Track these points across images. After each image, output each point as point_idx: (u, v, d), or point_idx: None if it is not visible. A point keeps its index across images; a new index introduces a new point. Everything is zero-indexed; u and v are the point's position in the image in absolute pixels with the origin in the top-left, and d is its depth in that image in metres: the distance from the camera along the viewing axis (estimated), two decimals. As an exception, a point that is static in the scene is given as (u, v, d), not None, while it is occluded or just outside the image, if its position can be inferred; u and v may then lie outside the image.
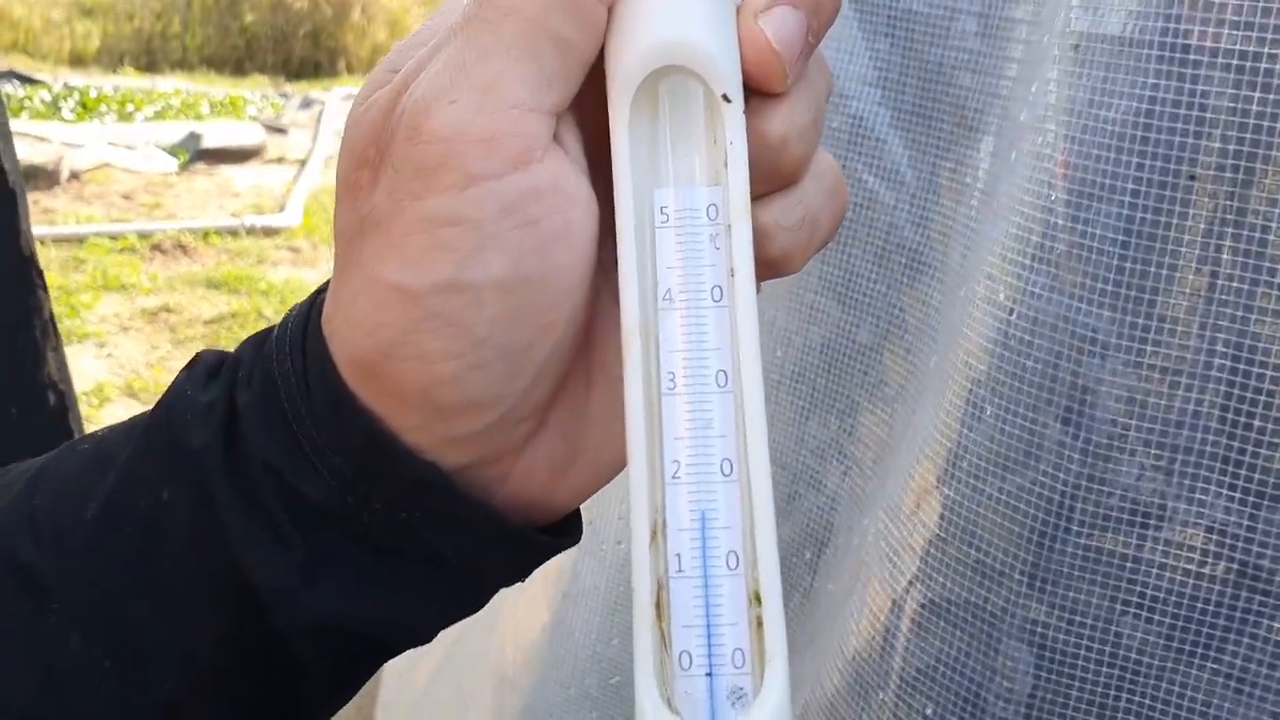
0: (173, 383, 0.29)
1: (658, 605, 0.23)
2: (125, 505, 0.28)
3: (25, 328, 0.63)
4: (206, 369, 0.29)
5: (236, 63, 10.33)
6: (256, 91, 8.62)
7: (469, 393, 0.25)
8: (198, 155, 5.85)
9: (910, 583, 0.49)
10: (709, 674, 0.23)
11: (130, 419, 0.31)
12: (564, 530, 0.30)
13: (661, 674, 0.23)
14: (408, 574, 0.28)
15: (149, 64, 10.35)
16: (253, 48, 10.47)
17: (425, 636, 0.30)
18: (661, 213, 0.26)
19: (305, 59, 10.27)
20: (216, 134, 6.17)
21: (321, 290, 0.28)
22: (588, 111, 0.27)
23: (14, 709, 0.28)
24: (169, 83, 9.04)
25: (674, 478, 0.24)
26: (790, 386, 0.66)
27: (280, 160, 5.73)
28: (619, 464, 0.29)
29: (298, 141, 6.14)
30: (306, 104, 7.60)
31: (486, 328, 0.25)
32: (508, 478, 0.27)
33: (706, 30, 0.25)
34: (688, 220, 0.25)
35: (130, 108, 7.39)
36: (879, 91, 0.61)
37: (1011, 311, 0.44)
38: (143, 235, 3.91)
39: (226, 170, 5.45)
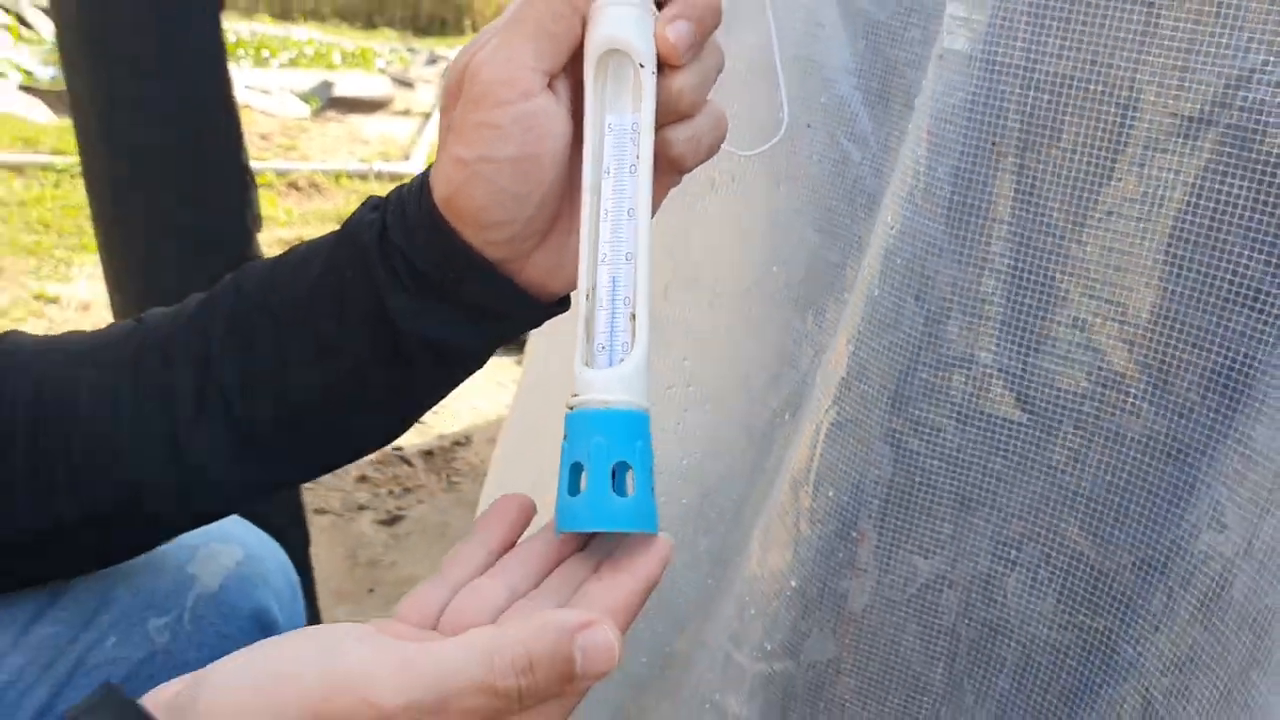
0: (354, 212, 0.55)
1: (587, 325, 0.48)
2: (330, 274, 0.54)
3: (240, 215, 0.90)
4: (371, 204, 0.55)
5: (367, 16, 10.70)
6: (385, 45, 8.97)
7: (496, 217, 0.50)
8: (329, 103, 6.19)
9: (825, 410, 0.73)
10: (608, 350, 0.48)
11: (325, 235, 0.56)
12: (557, 306, 0.55)
13: (585, 354, 0.48)
14: (467, 314, 0.53)
15: (283, 11, 10.78)
16: (383, 2, 10.85)
17: (478, 357, 0.56)
18: (609, 127, 0.50)
19: (433, 16, 10.59)
20: (347, 84, 6.50)
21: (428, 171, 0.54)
22: (575, 73, 0.51)
23: (289, 383, 0.54)
24: (302, 31, 9.42)
25: (602, 260, 0.49)
26: (782, 293, 0.90)
27: (407, 112, 6.06)
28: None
29: (423, 95, 6.46)
30: (433, 60, 7.92)
31: (505, 181, 0.49)
32: (523, 270, 0.52)
33: (634, 32, 0.49)
34: (620, 131, 0.50)
35: (266, 54, 7.79)
36: (855, 79, 0.84)
37: (892, 228, 0.68)
38: (279, 173, 4.25)
39: (356, 119, 5.79)
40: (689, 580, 0.97)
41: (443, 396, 0.57)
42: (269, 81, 6.49)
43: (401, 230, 0.52)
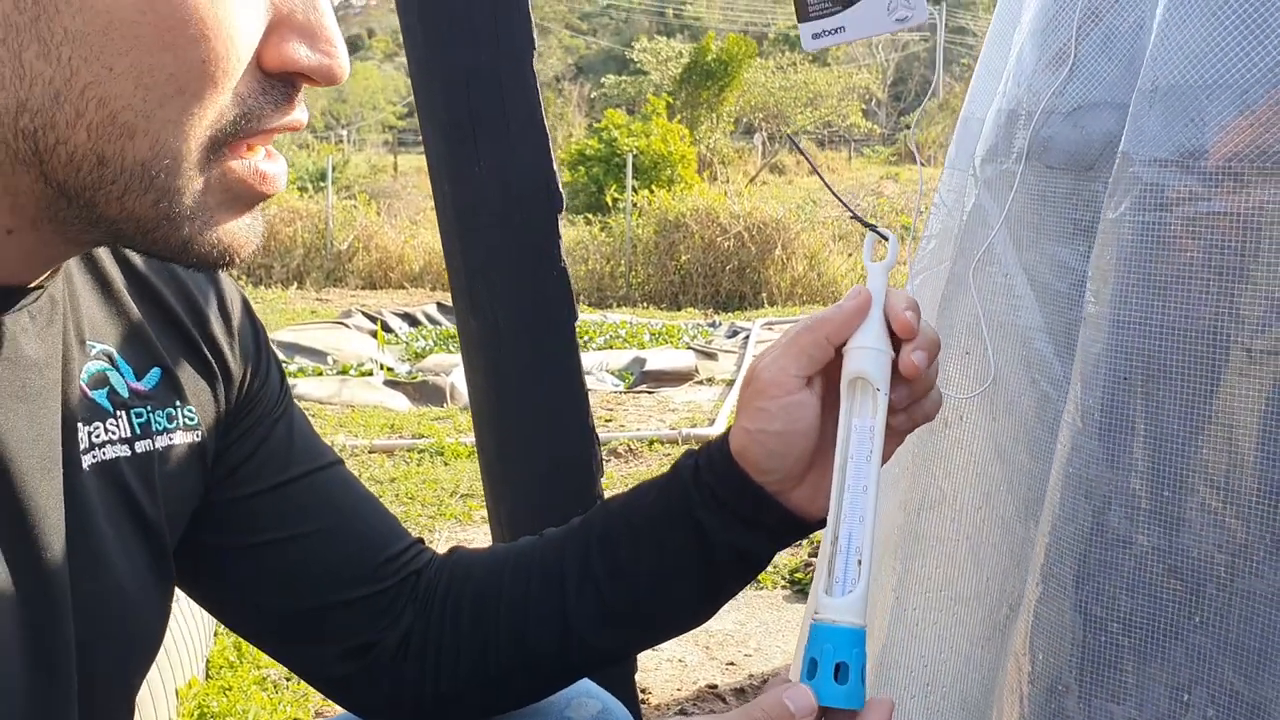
0: (679, 458, 0.84)
1: (829, 563, 0.74)
2: (662, 500, 0.82)
3: (590, 469, 1.22)
4: (689, 453, 0.84)
5: (673, 296, 11.63)
6: (689, 321, 9.71)
7: (768, 465, 0.77)
8: (641, 377, 6.81)
9: (1032, 592, 0.94)
10: (841, 583, 0.73)
11: (659, 475, 0.86)
12: (814, 526, 0.81)
13: (826, 584, 0.73)
14: (752, 527, 0.79)
15: (599, 300, 11.88)
16: (686, 283, 11.73)
17: (760, 558, 0.82)
18: (854, 428, 0.74)
19: (732, 291, 11.36)
20: (657, 359, 7.13)
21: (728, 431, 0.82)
22: (825, 374, 0.78)
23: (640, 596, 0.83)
24: (616, 315, 10.34)
25: (842, 520, 0.72)
26: (1009, 507, 1.12)
27: (710, 380, 6.57)
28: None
29: (725, 364, 6.99)
30: (733, 332, 8.52)
31: (774, 445, 0.77)
32: (790, 499, 0.79)
33: (873, 367, 0.73)
34: (861, 430, 0.74)
35: (586, 338, 8.64)
36: (1046, 335, 1.09)
37: (1064, 446, 0.91)
38: (601, 442, 4.75)
39: (665, 390, 6.34)
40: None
41: (740, 588, 0.84)
42: (589, 361, 7.21)
43: (710, 471, 0.81)
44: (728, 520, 0.79)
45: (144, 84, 0.53)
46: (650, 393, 6.32)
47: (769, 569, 1.66)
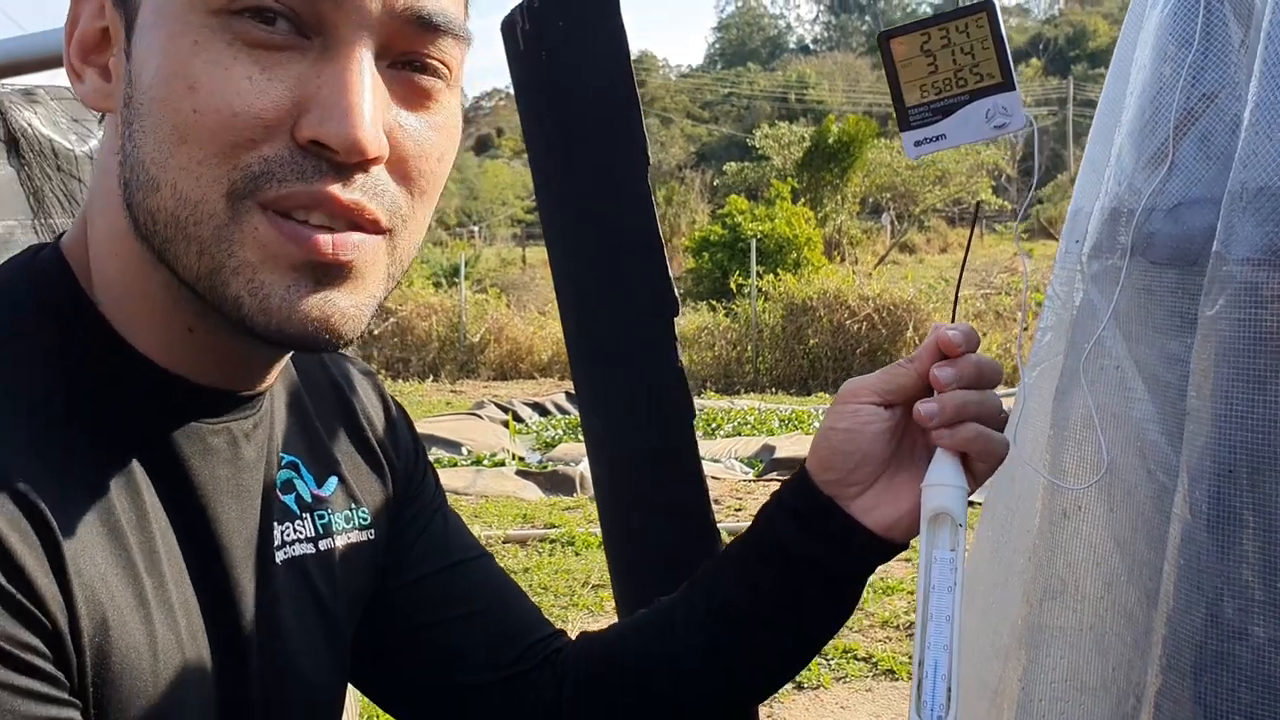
0: (764, 505, 0.88)
1: (918, 687, 0.77)
2: (750, 533, 0.87)
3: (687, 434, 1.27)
4: (778, 494, 0.88)
5: (801, 381, 11.61)
6: (820, 406, 9.67)
7: (831, 462, 0.82)
8: (771, 465, 6.80)
9: (1152, 682, 0.95)
10: (930, 707, 0.76)
11: (740, 536, 0.90)
12: (873, 551, 0.83)
13: (916, 705, 0.76)
14: (826, 542, 0.83)
15: (726, 386, 11.91)
16: (816, 367, 11.71)
17: (845, 585, 0.84)
18: (935, 559, 0.78)
19: (863, 374, 11.30)
20: (787, 446, 7.11)
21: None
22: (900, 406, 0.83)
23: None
24: (744, 402, 10.35)
25: (928, 647, 0.76)
26: (1130, 596, 1.13)
27: (839, 466, 6.52)
28: (900, 528, 0.82)
29: (854, 449, 6.93)
30: (862, 415, 8.44)
31: (838, 439, 0.81)
32: (850, 506, 0.82)
33: (953, 501, 0.78)
34: (943, 562, 0.78)
35: (714, 425, 8.66)
36: (1159, 425, 1.10)
37: (1174, 539, 0.92)
38: (730, 532, 4.76)
39: (794, 476, 6.32)
40: None
41: (835, 622, 0.87)
42: (717, 449, 7.23)
43: (787, 485, 0.86)
44: (799, 531, 0.84)
45: (157, 138, 0.62)
46: (780, 480, 6.31)
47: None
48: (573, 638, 0.98)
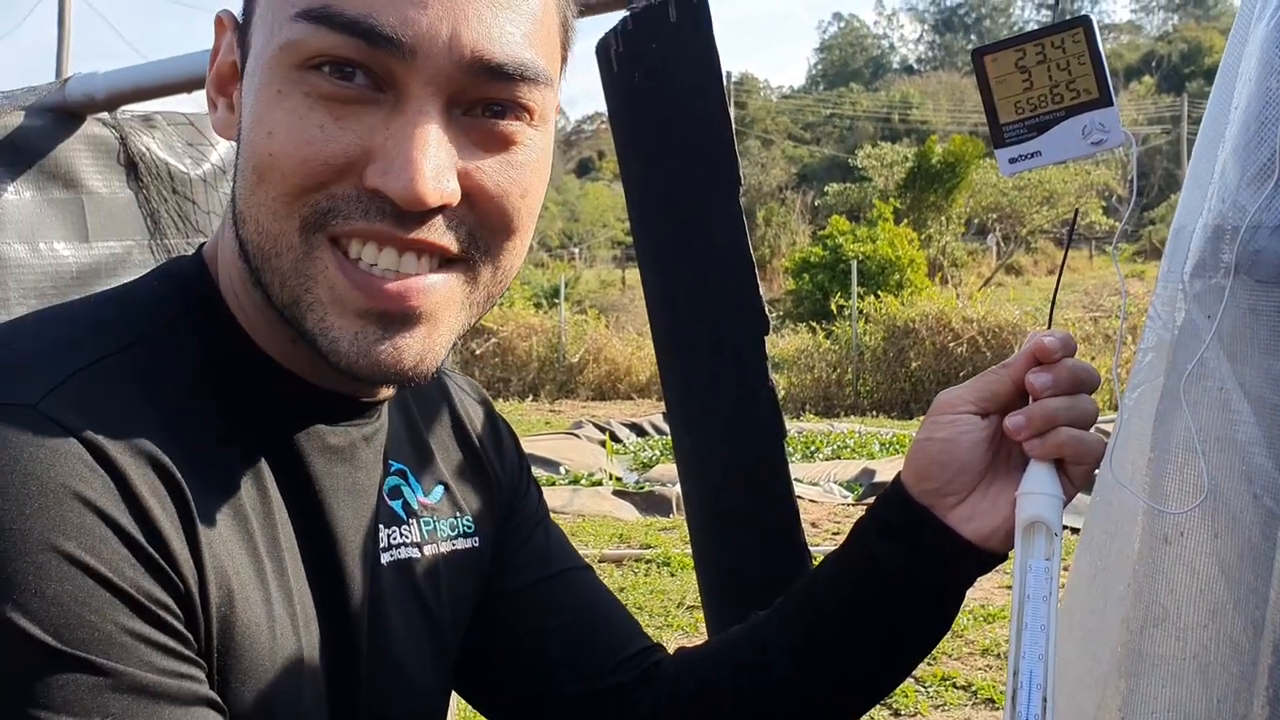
0: (858, 519, 0.88)
1: (1013, 698, 0.75)
2: (844, 548, 0.86)
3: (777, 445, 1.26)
4: (871, 508, 0.88)
5: (903, 405, 11.43)
6: (920, 429, 9.50)
7: (928, 472, 0.81)
8: (870, 489, 6.70)
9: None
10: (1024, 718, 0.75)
11: (834, 551, 0.90)
12: (970, 561, 0.82)
13: (1010, 715, 0.75)
14: (920, 552, 0.82)
15: (826, 409, 11.78)
16: (918, 390, 11.51)
17: (939, 596, 0.83)
18: (1029, 567, 0.77)
19: (964, 397, 11.08)
20: (887, 470, 7.00)
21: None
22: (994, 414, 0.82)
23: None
24: (844, 425, 10.21)
25: (1023, 657, 0.75)
26: (1236, 625, 1.09)
27: (940, 491, 6.40)
28: (998, 537, 0.81)
29: (955, 473, 6.79)
30: (964, 439, 8.27)
31: (936, 449, 0.81)
32: (947, 516, 0.81)
33: (1049, 510, 0.77)
34: (1038, 571, 0.78)
35: (812, 448, 8.57)
36: (1265, 449, 1.06)
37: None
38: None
39: (893, 500, 6.22)
40: None
41: (932, 637, 0.86)
42: (815, 472, 7.16)
43: (881, 499, 0.86)
44: (892, 542, 0.84)
45: (244, 175, 0.67)
46: (878, 502, 6.21)
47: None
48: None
